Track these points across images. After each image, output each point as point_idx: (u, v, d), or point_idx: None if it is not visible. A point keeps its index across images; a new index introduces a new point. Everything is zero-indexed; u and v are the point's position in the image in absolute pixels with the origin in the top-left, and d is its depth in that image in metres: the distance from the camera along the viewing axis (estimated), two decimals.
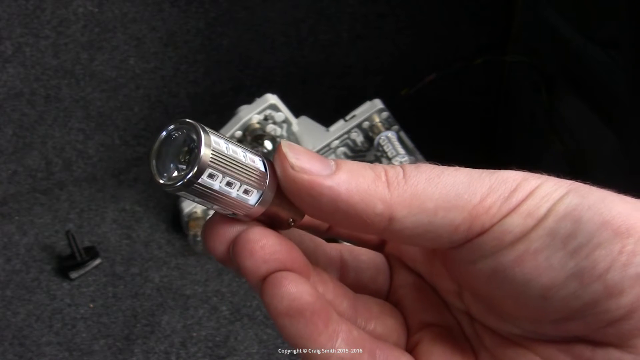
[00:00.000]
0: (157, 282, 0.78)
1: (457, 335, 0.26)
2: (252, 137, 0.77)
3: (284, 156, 0.22)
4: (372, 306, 0.26)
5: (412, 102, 0.88)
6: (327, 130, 0.81)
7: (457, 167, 0.22)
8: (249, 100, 0.79)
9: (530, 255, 0.21)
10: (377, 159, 0.81)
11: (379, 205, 0.21)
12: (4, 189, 0.88)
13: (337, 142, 0.80)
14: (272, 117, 0.78)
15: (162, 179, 0.22)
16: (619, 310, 0.20)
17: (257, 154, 0.23)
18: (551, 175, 0.22)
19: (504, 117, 0.98)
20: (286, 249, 0.22)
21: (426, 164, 0.22)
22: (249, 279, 0.22)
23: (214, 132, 0.22)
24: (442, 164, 0.23)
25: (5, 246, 0.82)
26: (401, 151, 0.76)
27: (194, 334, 0.73)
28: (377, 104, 0.80)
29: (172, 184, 0.21)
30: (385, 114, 0.80)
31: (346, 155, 0.82)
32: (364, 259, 0.28)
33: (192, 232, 0.79)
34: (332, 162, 0.22)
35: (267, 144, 0.76)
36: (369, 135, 0.80)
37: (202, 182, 0.21)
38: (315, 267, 0.25)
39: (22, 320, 0.74)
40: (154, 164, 0.22)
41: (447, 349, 0.25)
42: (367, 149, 0.81)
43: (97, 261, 0.79)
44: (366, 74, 0.98)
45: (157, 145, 0.22)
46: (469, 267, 0.23)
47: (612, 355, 0.21)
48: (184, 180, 0.21)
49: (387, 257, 0.28)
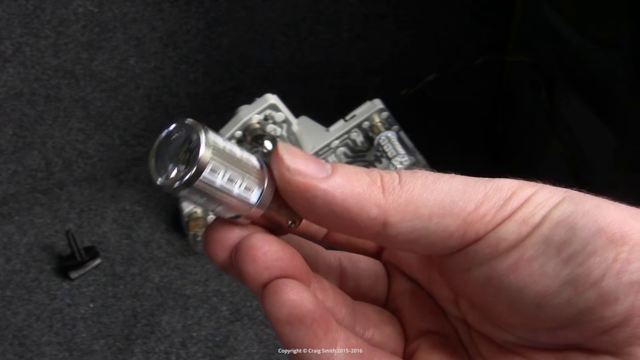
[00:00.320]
0: (157, 282, 0.78)
1: (455, 342, 0.26)
2: (252, 137, 0.77)
3: (281, 158, 0.22)
4: (371, 314, 0.26)
5: (412, 102, 0.88)
6: (327, 130, 0.81)
7: (452, 174, 0.22)
8: (249, 100, 0.79)
9: (524, 262, 0.21)
10: (377, 159, 0.81)
11: (374, 210, 0.21)
12: (4, 189, 0.88)
13: (337, 142, 0.80)
14: (272, 117, 0.78)
15: (161, 180, 0.21)
16: (614, 317, 0.20)
17: (254, 154, 0.23)
18: (548, 180, 0.22)
19: (504, 117, 0.98)
20: (289, 256, 0.22)
21: (422, 170, 0.22)
22: (250, 285, 0.22)
23: (213, 132, 0.22)
24: (442, 165, 0.23)
25: (5, 246, 0.82)
26: (401, 151, 0.76)
27: (194, 334, 0.73)
28: (377, 104, 0.80)
29: (171, 184, 0.21)
30: (385, 114, 0.80)
31: (346, 155, 0.82)
32: (362, 266, 0.27)
33: (192, 232, 0.79)
34: (329, 165, 0.22)
35: (267, 144, 0.76)
36: (369, 135, 0.80)
37: (204, 179, 0.21)
38: (315, 274, 0.24)
39: (22, 320, 0.74)
40: (153, 164, 0.22)
41: (444, 356, 0.25)
42: (367, 149, 0.81)
43: (97, 261, 0.79)
44: (366, 74, 0.98)
45: (156, 146, 0.22)
46: (464, 275, 0.23)
47: None
48: (183, 179, 0.21)
49: (385, 265, 0.28)
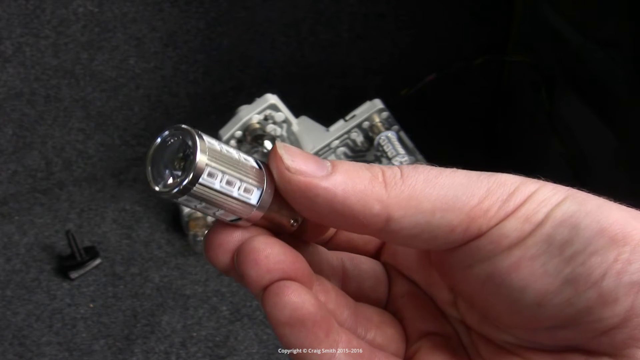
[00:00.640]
0: (157, 282, 0.78)
1: (455, 344, 0.25)
2: (252, 137, 0.77)
3: (280, 158, 0.21)
4: (372, 315, 0.26)
5: (412, 102, 0.88)
6: (327, 130, 0.81)
7: (454, 169, 0.22)
8: (249, 100, 0.79)
9: (526, 261, 0.21)
10: (377, 159, 0.81)
11: (376, 205, 0.21)
12: (4, 189, 0.88)
13: (337, 142, 0.80)
14: (272, 117, 0.78)
15: (158, 186, 0.21)
16: (613, 318, 0.20)
17: (251, 155, 0.23)
18: (549, 180, 0.22)
19: (504, 117, 0.98)
20: (291, 259, 0.22)
21: (424, 165, 0.22)
22: (251, 288, 0.22)
23: (208, 137, 0.21)
24: (442, 165, 0.23)
25: (5, 246, 0.82)
26: (401, 151, 0.76)
27: (194, 334, 0.73)
28: (377, 104, 0.80)
29: (168, 190, 0.21)
30: (385, 114, 0.80)
31: (346, 155, 0.82)
32: (364, 267, 0.27)
33: (192, 232, 0.79)
34: (328, 163, 0.22)
35: (267, 144, 0.76)
36: (369, 135, 0.80)
37: (203, 182, 0.21)
38: (318, 275, 0.24)
39: (22, 320, 0.74)
40: (150, 172, 0.22)
41: (445, 358, 0.25)
42: (367, 149, 0.81)
43: (97, 261, 0.79)
44: (366, 74, 0.98)
45: (151, 152, 0.22)
46: (465, 271, 0.22)
47: None
48: (180, 185, 0.20)
49: (384, 266, 0.28)
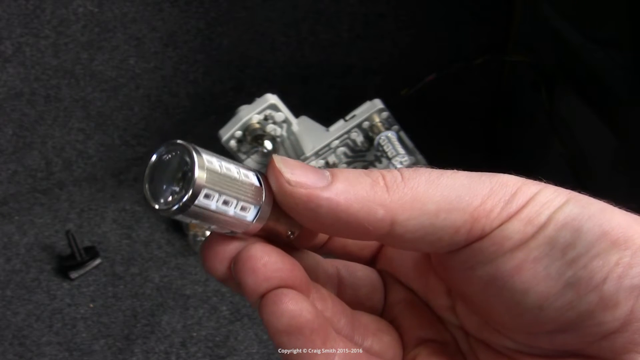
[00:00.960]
0: (157, 282, 0.78)
1: (453, 350, 0.25)
2: (252, 137, 0.77)
3: (279, 172, 0.21)
4: (369, 323, 0.25)
5: (412, 102, 0.88)
6: (327, 130, 0.81)
7: (455, 170, 0.22)
8: (249, 100, 0.79)
9: (529, 263, 0.21)
10: (377, 159, 0.81)
11: (380, 210, 0.21)
12: (4, 189, 0.88)
13: (337, 142, 0.80)
14: (272, 117, 0.78)
15: (156, 204, 0.21)
16: (613, 322, 0.20)
17: (251, 169, 0.22)
18: (549, 180, 0.22)
19: (504, 117, 0.98)
20: (289, 267, 0.22)
21: (424, 168, 0.22)
22: (249, 296, 0.22)
23: (206, 151, 0.21)
24: (443, 165, 0.23)
25: (5, 246, 0.82)
26: (401, 151, 0.76)
27: (194, 334, 0.73)
28: (377, 104, 0.80)
29: (167, 209, 0.21)
30: (385, 114, 0.80)
31: (346, 155, 0.82)
32: (360, 275, 0.27)
33: (192, 232, 0.79)
34: (327, 173, 0.21)
35: (267, 144, 0.76)
36: (369, 135, 0.80)
37: (198, 204, 0.20)
38: (314, 283, 0.24)
39: (22, 320, 0.74)
40: (147, 188, 0.22)
41: None
42: (367, 149, 0.81)
43: (97, 261, 0.79)
44: (366, 74, 0.98)
45: (148, 169, 0.22)
46: (466, 274, 0.22)
47: None
48: (179, 204, 0.20)
49: (380, 274, 0.28)
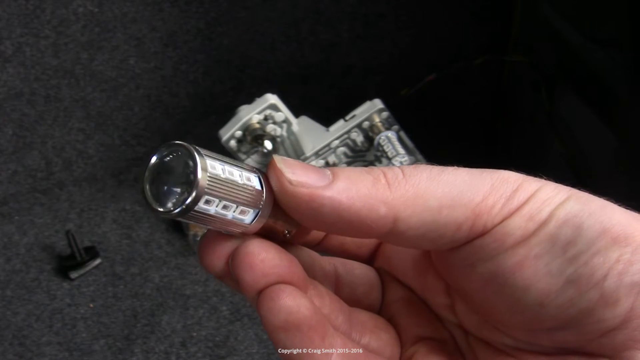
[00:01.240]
0: (157, 282, 0.78)
1: (451, 348, 0.25)
2: (252, 137, 0.77)
3: (280, 172, 0.21)
4: (367, 320, 0.25)
5: (412, 102, 0.88)
6: (327, 130, 0.81)
7: (455, 167, 0.22)
8: (249, 100, 0.79)
9: (530, 260, 0.21)
10: (377, 159, 0.81)
11: (382, 208, 0.21)
12: (4, 189, 0.88)
13: (337, 142, 0.80)
14: (272, 117, 0.78)
15: (157, 206, 0.21)
16: (614, 319, 0.20)
17: (252, 169, 0.22)
18: (550, 179, 0.22)
19: (504, 117, 0.98)
20: (286, 263, 0.22)
21: (424, 164, 0.22)
22: (247, 292, 0.22)
23: (209, 154, 0.21)
24: (442, 164, 0.23)
25: (5, 246, 0.82)
26: (401, 151, 0.76)
27: (194, 334, 0.73)
28: (377, 104, 0.80)
29: (168, 212, 0.21)
30: (385, 114, 0.80)
31: (346, 155, 0.82)
32: (357, 273, 0.27)
33: (192, 232, 0.79)
34: (328, 172, 0.21)
35: (267, 144, 0.76)
36: (369, 135, 0.80)
37: (198, 209, 0.20)
38: (312, 280, 0.24)
39: (22, 320, 0.74)
40: (147, 189, 0.21)
41: None
42: (367, 149, 0.81)
43: (97, 261, 0.79)
44: (366, 74, 0.98)
45: (149, 170, 0.22)
46: (467, 270, 0.22)
47: None
48: (181, 207, 0.20)
49: (378, 272, 0.28)
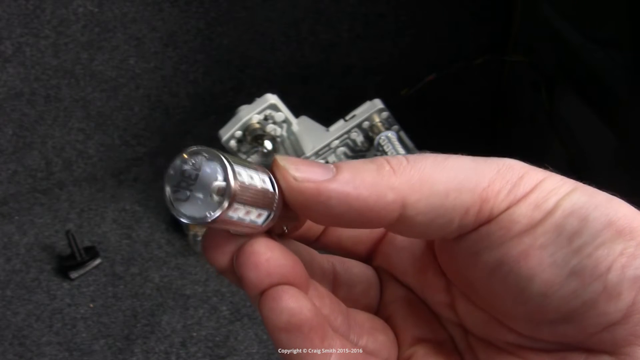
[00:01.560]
0: (157, 282, 0.78)
1: (449, 349, 0.25)
2: (252, 137, 0.77)
3: (285, 170, 0.21)
4: (364, 322, 0.25)
5: (412, 102, 0.88)
6: (327, 130, 0.81)
7: (459, 155, 0.22)
8: (249, 100, 0.79)
9: (535, 249, 0.21)
10: None
11: (390, 193, 0.21)
12: (4, 189, 0.88)
13: (337, 142, 0.80)
14: (272, 117, 0.78)
15: (182, 213, 0.20)
16: (615, 313, 0.20)
17: (264, 170, 0.22)
18: (555, 170, 0.22)
19: (504, 117, 0.98)
20: (291, 264, 0.22)
21: (428, 152, 0.22)
22: (249, 290, 0.22)
23: (234, 160, 0.20)
24: None
25: (5, 246, 0.82)
26: (401, 151, 0.76)
27: (194, 334, 0.73)
28: (377, 104, 0.80)
29: (195, 219, 0.20)
30: (385, 114, 0.80)
31: (346, 155, 0.82)
32: (355, 272, 0.27)
33: (192, 232, 0.79)
34: (332, 165, 0.21)
35: (267, 144, 0.76)
36: (369, 135, 0.80)
37: (224, 217, 0.20)
38: (312, 280, 0.24)
39: (22, 320, 0.74)
40: (170, 193, 0.21)
41: None
42: (367, 149, 0.81)
43: (97, 261, 0.79)
44: (366, 74, 0.98)
45: (172, 173, 0.21)
46: (472, 260, 0.22)
47: None
48: (212, 218, 0.20)
49: (377, 271, 0.28)
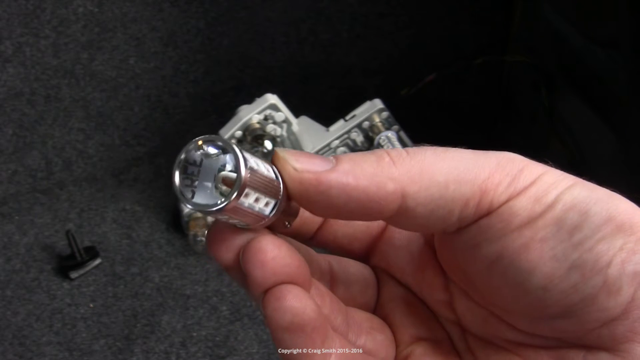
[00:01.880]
0: (157, 282, 0.78)
1: (447, 348, 0.25)
2: (252, 137, 0.77)
3: (285, 160, 0.21)
4: (363, 321, 0.25)
5: (412, 102, 0.88)
6: (327, 130, 0.81)
7: (459, 148, 0.22)
8: (249, 100, 0.79)
9: (536, 243, 0.21)
10: None
11: (390, 184, 0.21)
12: (4, 189, 0.88)
13: (337, 142, 0.80)
14: (272, 117, 0.78)
15: (191, 201, 0.20)
16: (615, 308, 0.20)
17: (269, 163, 0.22)
18: (556, 165, 0.22)
19: (504, 117, 0.98)
20: (296, 263, 0.22)
21: (428, 145, 0.22)
22: (253, 288, 0.21)
23: (245, 151, 0.20)
24: None
25: (5, 246, 0.82)
26: None
27: (194, 334, 0.73)
28: (377, 104, 0.80)
29: (203, 209, 0.20)
30: (385, 114, 0.80)
31: None
32: (352, 271, 0.27)
33: (192, 232, 0.79)
34: (332, 157, 0.22)
35: (267, 144, 0.76)
36: (369, 135, 0.80)
37: (236, 204, 0.20)
38: (313, 279, 0.24)
39: (22, 320, 0.74)
40: (178, 182, 0.21)
41: None
42: (367, 149, 0.81)
43: (97, 261, 0.79)
44: (366, 74, 0.98)
45: (181, 162, 0.21)
46: (472, 253, 0.22)
47: None
48: (225, 204, 0.20)
49: (374, 270, 0.27)
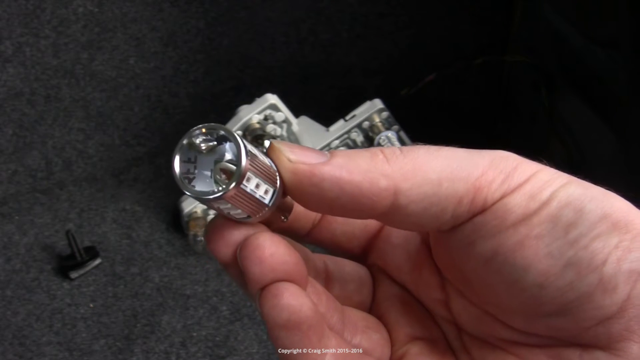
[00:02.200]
0: (157, 282, 0.78)
1: (443, 348, 0.25)
2: (252, 137, 0.77)
3: (280, 151, 0.22)
4: (358, 320, 0.25)
5: (412, 102, 0.88)
6: (327, 130, 0.81)
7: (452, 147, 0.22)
8: (249, 100, 0.79)
9: (531, 240, 0.21)
10: None
11: (383, 180, 0.21)
12: (4, 189, 0.88)
13: (337, 142, 0.80)
14: (272, 117, 0.78)
15: (192, 188, 0.20)
16: (611, 306, 0.20)
17: (266, 154, 0.22)
18: (551, 164, 0.22)
19: (504, 117, 0.98)
20: (294, 260, 0.22)
21: (422, 144, 0.22)
22: (251, 285, 0.22)
23: (244, 139, 0.21)
24: None
25: (5, 246, 0.82)
26: None
27: (194, 334, 0.73)
28: (377, 104, 0.80)
29: (203, 195, 0.20)
30: (385, 114, 0.80)
31: None
32: (348, 270, 0.27)
33: (192, 232, 0.79)
34: (326, 152, 0.22)
35: (267, 144, 0.76)
36: (369, 135, 0.80)
37: (238, 190, 0.20)
38: (309, 277, 0.24)
39: (22, 320, 0.74)
40: (178, 170, 0.21)
41: None
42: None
43: (97, 261, 0.79)
44: (366, 74, 0.98)
45: (180, 151, 0.21)
46: (467, 251, 0.22)
47: (600, 359, 0.21)
48: (228, 189, 0.20)
49: (370, 269, 0.28)
